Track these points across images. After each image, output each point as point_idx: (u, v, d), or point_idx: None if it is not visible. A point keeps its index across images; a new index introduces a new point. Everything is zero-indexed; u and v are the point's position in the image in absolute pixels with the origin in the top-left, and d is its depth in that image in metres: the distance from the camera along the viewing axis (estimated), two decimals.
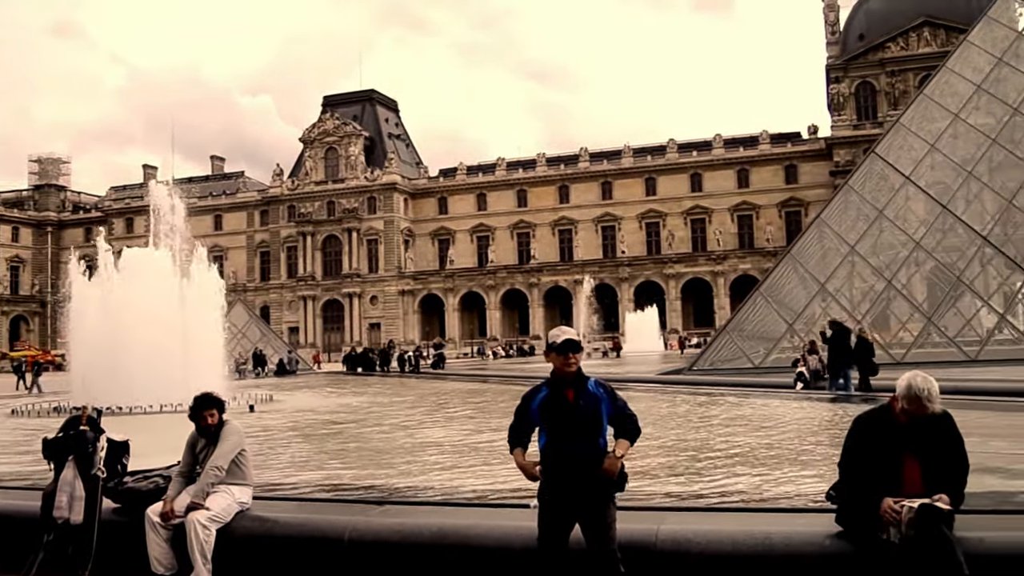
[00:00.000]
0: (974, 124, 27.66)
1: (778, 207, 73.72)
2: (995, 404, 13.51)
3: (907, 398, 4.38)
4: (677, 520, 5.20)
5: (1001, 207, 26.62)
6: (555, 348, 4.40)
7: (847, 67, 69.95)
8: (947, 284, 27.23)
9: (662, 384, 23.22)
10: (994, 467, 7.35)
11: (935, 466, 4.40)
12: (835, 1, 71.50)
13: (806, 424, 12.24)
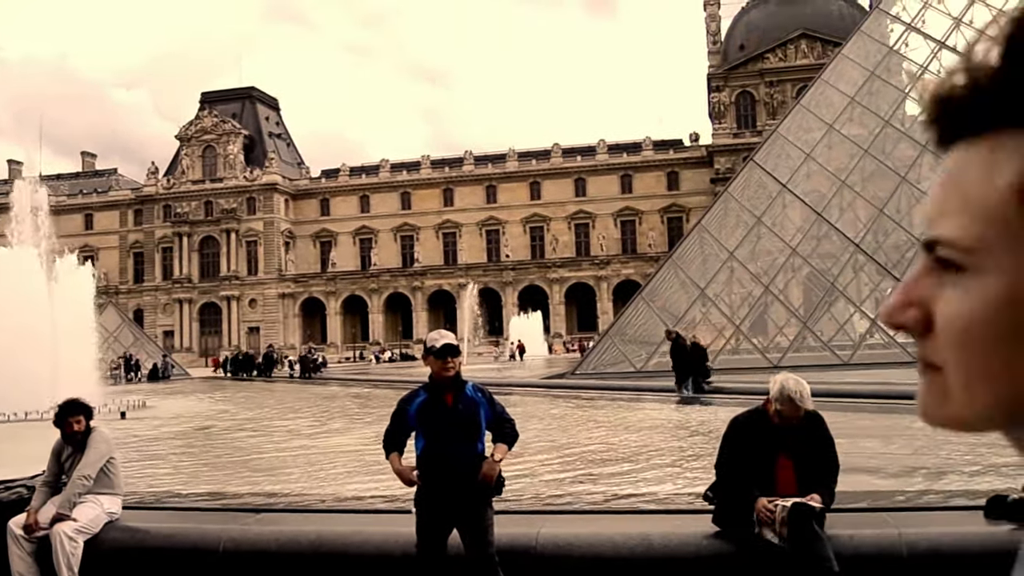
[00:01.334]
0: (848, 135, 28.43)
1: (660, 213, 74.98)
2: (867, 406, 13.99)
3: (780, 400, 4.48)
4: (558, 523, 5.23)
5: (873, 215, 27.39)
6: (433, 352, 4.35)
7: (728, 76, 71.72)
8: (822, 290, 27.86)
9: (546, 388, 23.20)
10: (866, 466, 7.59)
11: (808, 466, 4.54)
12: (717, 11, 73.19)
13: (683, 426, 12.39)
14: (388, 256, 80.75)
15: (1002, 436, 0.55)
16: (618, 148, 77.60)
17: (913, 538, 4.59)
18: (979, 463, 7.66)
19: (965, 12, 29.25)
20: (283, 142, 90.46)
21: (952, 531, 4.78)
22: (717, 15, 73.20)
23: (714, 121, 71.96)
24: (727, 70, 71.68)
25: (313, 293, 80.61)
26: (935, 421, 0.57)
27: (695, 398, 17.10)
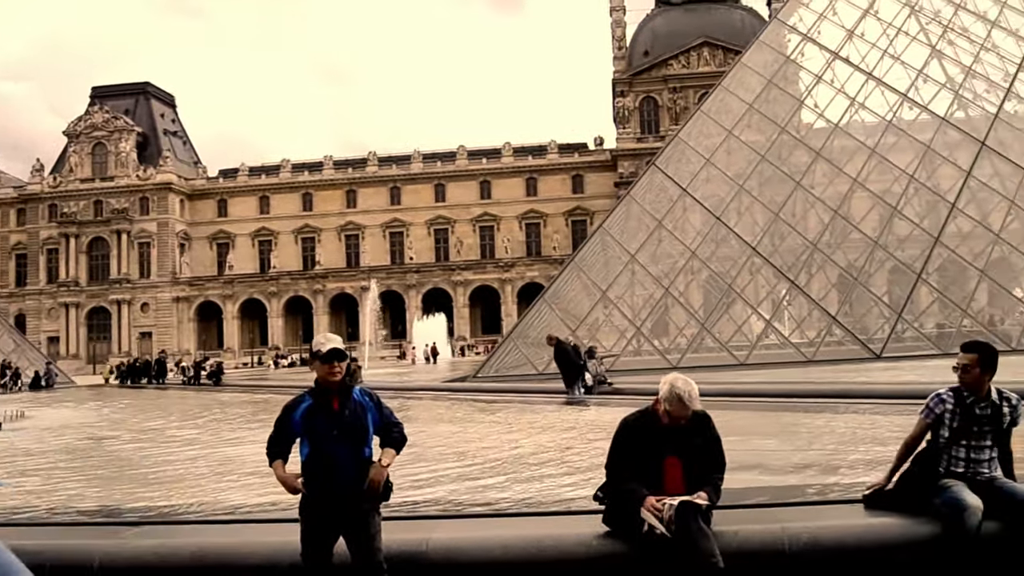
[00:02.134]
0: (746, 141, 29.00)
1: (565, 216, 75.56)
2: (760, 404, 14.26)
3: (669, 400, 4.56)
4: (449, 528, 5.23)
5: (769, 220, 28.00)
6: (319, 356, 4.33)
7: (632, 82, 72.77)
8: (720, 292, 28.34)
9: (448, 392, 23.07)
10: (756, 463, 7.68)
11: (695, 465, 4.62)
12: (622, 17, 74.16)
13: (578, 428, 12.39)
14: (288, 258, 79.26)
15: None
16: (523, 151, 77.92)
17: (795, 532, 4.65)
18: (866, 459, 7.77)
19: (857, 24, 30.22)
20: (179, 140, 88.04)
21: (832, 524, 4.85)
22: (622, 20, 74.20)
23: (618, 125, 72.87)
24: (632, 75, 72.73)
25: (209, 297, 78.54)
26: None
27: (584, 399, 17.37)
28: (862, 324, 27.53)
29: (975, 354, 4.72)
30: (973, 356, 4.72)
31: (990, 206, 28.09)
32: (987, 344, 4.84)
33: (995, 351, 4.78)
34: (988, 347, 4.80)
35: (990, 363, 4.72)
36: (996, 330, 26.09)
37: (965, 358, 4.75)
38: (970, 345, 4.82)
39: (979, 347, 4.79)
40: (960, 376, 4.75)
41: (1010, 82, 28.36)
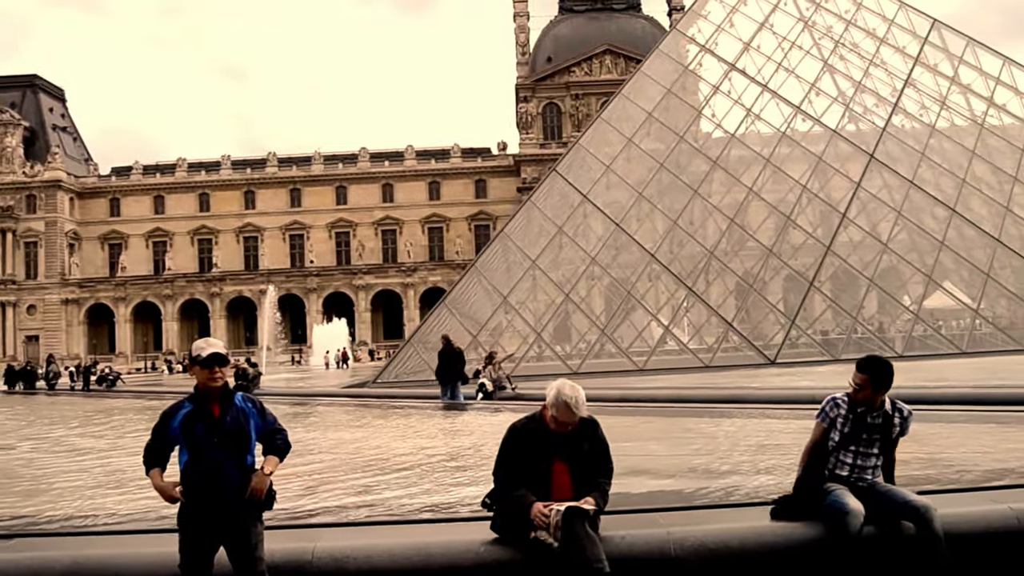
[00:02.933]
0: (645, 149, 29.32)
1: (468, 220, 75.42)
2: (656, 410, 14.26)
3: (556, 406, 4.56)
4: (336, 536, 5.13)
5: (668, 227, 28.35)
6: (199, 362, 4.22)
7: (535, 88, 73.13)
8: (620, 298, 28.54)
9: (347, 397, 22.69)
10: (646, 469, 7.64)
11: (583, 470, 4.63)
12: (526, 23, 74.47)
13: (475, 433, 12.31)
14: (184, 260, 76.99)
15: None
16: (427, 154, 77.48)
17: (681, 536, 4.69)
18: (756, 464, 7.78)
19: (753, 38, 30.94)
20: (69, 136, 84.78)
21: (717, 528, 4.87)
22: (526, 26, 74.54)
23: (522, 131, 73.14)
24: (535, 81, 73.11)
25: (100, 299, 75.70)
26: None
27: (463, 404, 17.57)
28: (758, 330, 28.10)
29: (866, 375, 4.81)
30: (864, 377, 4.81)
31: (879, 217, 29.08)
32: (880, 363, 4.88)
33: (888, 370, 4.82)
34: (881, 367, 4.84)
35: (882, 382, 4.80)
36: (885, 337, 26.96)
37: (858, 378, 4.83)
38: (863, 364, 4.88)
39: (871, 367, 4.83)
40: (854, 393, 4.85)
41: (897, 97, 29.43)
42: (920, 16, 31.24)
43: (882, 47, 30.82)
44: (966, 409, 11.72)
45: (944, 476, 6.64)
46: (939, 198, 27.14)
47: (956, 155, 28.49)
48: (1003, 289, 25.96)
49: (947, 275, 27.35)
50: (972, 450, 8.17)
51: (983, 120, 29.46)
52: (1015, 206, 27.27)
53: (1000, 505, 5.08)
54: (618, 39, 72.15)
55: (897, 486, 4.91)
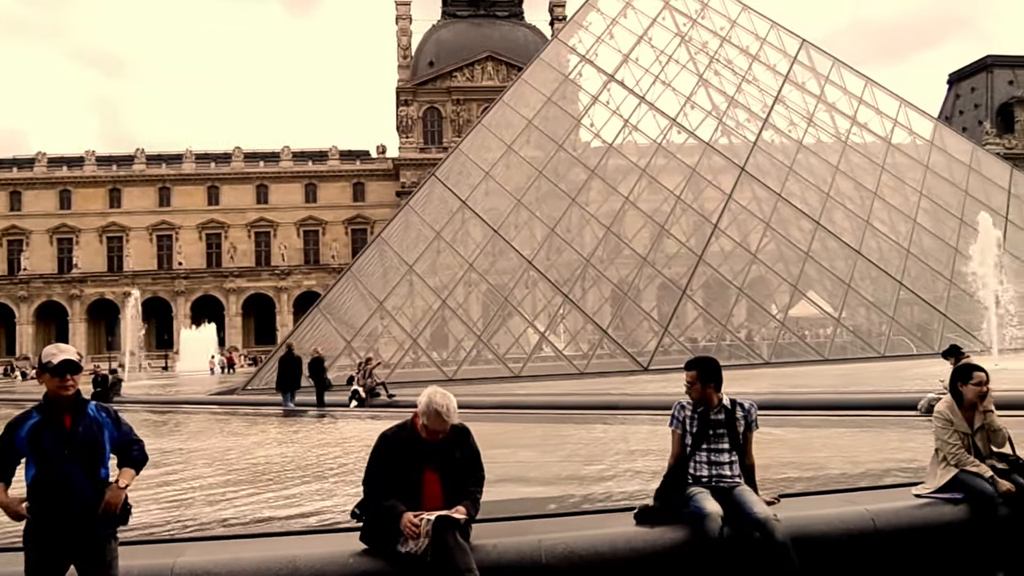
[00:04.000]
0: (525, 156, 29.49)
1: (345, 224, 74.22)
2: (531, 416, 14.30)
3: (427, 414, 4.54)
4: (198, 551, 4.94)
5: (546, 234, 28.55)
6: (50, 369, 3.98)
7: (416, 91, 72.64)
8: (498, 305, 28.55)
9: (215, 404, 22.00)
10: (519, 476, 7.67)
11: (454, 479, 4.62)
12: (408, 26, 73.90)
13: (347, 441, 12.06)
14: (42, 260, 72.97)
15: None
16: (303, 156, 75.90)
17: (551, 543, 4.68)
18: (628, 470, 7.79)
19: (632, 50, 31.52)
20: None
21: (587, 534, 4.86)
22: (409, 29, 73.99)
23: (402, 135, 72.53)
24: (416, 85, 72.64)
25: None
26: None
27: (302, 410, 17.59)
28: (632, 338, 28.53)
29: (694, 371, 5.05)
30: (693, 373, 5.05)
31: (749, 228, 29.99)
32: (705, 359, 5.18)
33: (713, 365, 5.10)
34: (706, 363, 5.11)
35: (710, 376, 5.03)
36: (752, 344, 27.79)
37: (688, 375, 5.08)
38: (691, 363, 5.15)
39: (697, 364, 5.11)
40: (688, 392, 5.09)
41: (767, 113, 30.50)
42: (790, 36, 32.50)
43: (754, 64, 31.91)
44: (827, 414, 12.11)
45: (805, 479, 6.78)
46: (805, 211, 28.21)
47: (821, 170, 29.69)
48: (862, 299, 27.15)
49: (811, 285, 28.43)
50: (832, 453, 8.38)
51: (847, 138, 30.83)
52: (875, 220, 28.60)
53: (857, 507, 5.22)
54: (500, 46, 72.44)
55: (755, 491, 4.99)
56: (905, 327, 26.12)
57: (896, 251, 27.86)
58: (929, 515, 5.22)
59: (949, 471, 5.33)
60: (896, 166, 30.38)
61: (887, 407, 12.21)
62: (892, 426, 10.39)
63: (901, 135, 31.67)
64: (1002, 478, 5.23)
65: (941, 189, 30.08)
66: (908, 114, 32.05)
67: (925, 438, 7.06)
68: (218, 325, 65.55)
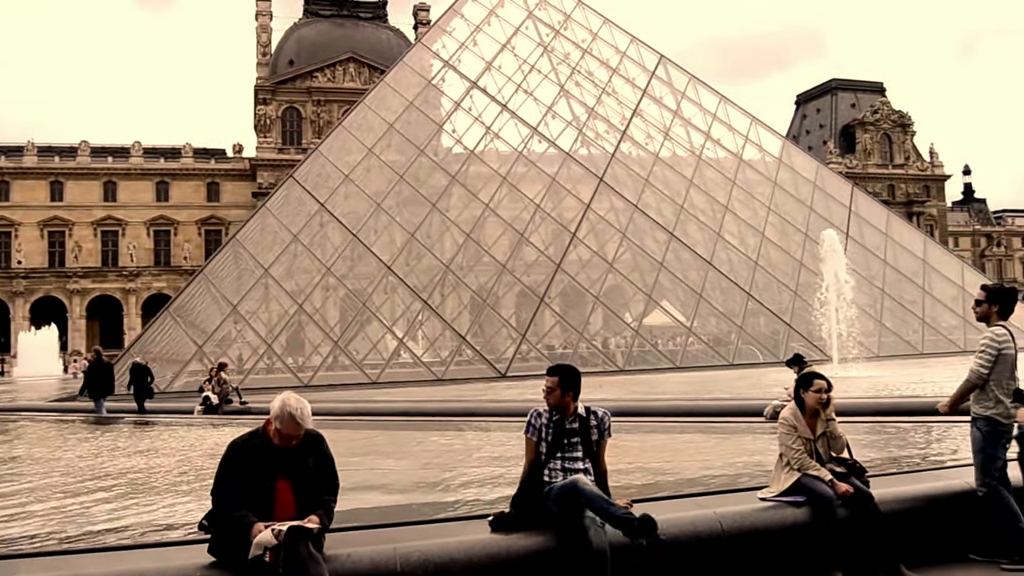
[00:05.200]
0: (386, 160, 29.25)
1: (198, 224, 71.56)
2: (389, 423, 14.09)
3: (281, 418, 4.43)
4: (35, 567, 4.71)
5: (406, 240, 28.35)
6: None
7: (276, 90, 70.80)
8: (355, 310, 28.19)
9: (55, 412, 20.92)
10: (376, 484, 7.60)
11: (307, 487, 4.52)
12: (269, 22, 71.95)
13: (187, 450, 11.67)
14: None
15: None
16: (155, 152, 72.78)
17: (407, 551, 4.62)
18: (486, 476, 7.79)
19: (496, 58, 31.70)
20: None
21: (444, 542, 4.83)
22: (269, 26, 72.06)
23: (259, 134, 70.57)
24: (275, 83, 70.81)
25: None
26: None
27: (113, 417, 17.08)
28: (491, 344, 28.65)
29: (556, 377, 5.09)
30: (554, 379, 5.09)
31: (606, 237, 30.62)
32: (568, 367, 5.22)
33: (574, 373, 5.15)
34: (568, 370, 5.16)
35: (570, 383, 5.09)
36: (608, 352, 28.33)
37: (549, 380, 5.11)
38: (553, 369, 5.19)
39: (560, 370, 5.15)
40: (545, 398, 5.14)
41: (626, 125, 31.26)
42: (649, 51, 33.41)
43: (614, 77, 32.64)
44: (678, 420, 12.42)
45: (656, 484, 6.90)
46: (660, 222, 29.02)
47: (676, 183, 30.61)
48: (713, 308, 28.11)
49: (665, 294, 29.24)
50: (683, 458, 8.59)
51: (701, 152, 31.90)
52: (726, 233, 29.68)
53: (706, 511, 5.35)
54: (363, 48, 71.48)
55: (607, 496, 5.01)
56: (753, 336, 27.18)
57: (745, 263, 28.96)
58: (773, 518, 5.39)
59: (792, 475, 5.53)
60: (746, 181, 31.63)
61: (735, 413, 12.63)
62: (739, 432, 10.74)
63: (752, 152, 33.00)
64: (841, 481, 5.45)
65: (788, 205, 31.48)
66: (759, 132, 33.43)
67: (770, 443, 7.29)
68: (61, 328, 62.18)
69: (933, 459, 7.77)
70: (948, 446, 8.39)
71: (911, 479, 6.52)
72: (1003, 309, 5.83)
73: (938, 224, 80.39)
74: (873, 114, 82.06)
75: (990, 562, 5.55)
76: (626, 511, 4.74)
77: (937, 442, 8.78)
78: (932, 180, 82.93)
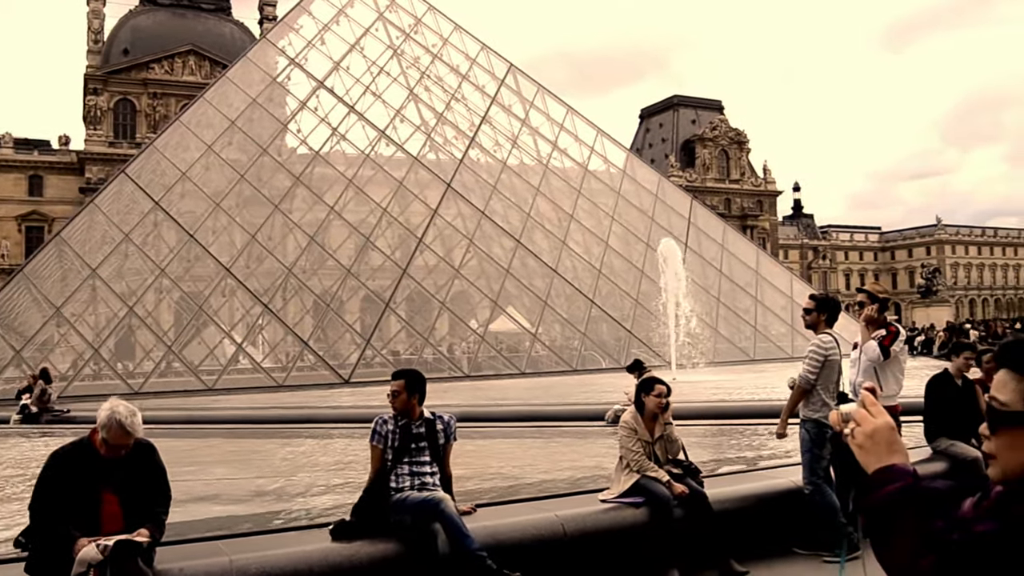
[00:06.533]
0: (226, 159, 28.34)
1: (18, 220, 67.01)
2: (226, 431, 13.73)
3: (108, 427, 4.25)
4: None
5: (246, 241, 27.51)
6: None
7: (108, 80, 67.16)
8: (191, 314, 27.14)
9: None
10: (212, 494, 7.44)
11: (136, 499, 4.34)
12: (101, 8, 68.07)
13: (16, 463, 10.92)
14: None
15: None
16: None
17: (244, 563, 4.50)
18: (327, 485, 7.66)
19: (344, 58, 31.21)
20: None
21: (283, 552, 4.71)
22: (101, 12, 68.12)
23: (89, 126, 66.77)
24: (108, 73, 67.18)
25: None
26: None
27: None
28: (334, 350, 28.13)
29: (402, 380, 5.16)
30: (400, 382, 5.15)
31: (453, 243, 30.62)
32: (413, 371, 5.35)
33: (420, 377, 5.26)
34: (414, 374, 5.27)
35: (416, 387, 5.17)
36: (453, 358, 28.32)
37: (394, 384, 5.18)
38: (398, 373, 5.27)
39: (405, 374, 5.24)
40: (391, 402, 5.16)
41: (474, 132, 31.37)
42: (499, 59, 33.66)
43: (464, 83, 32.70)
44: (523, 425, 12.52)
45: (501, 487, 6.96)
46: (507, 229, 29.25)
47: (523, 191, 30.93)
48: (558, 315, 28.53)
49: (511, 301, 29.48)
50: (526, 462, 8.66)
51: (548, 161, 32.35)
52: (571, 241, 30.19)
53: (547, 513, 5.43)
54: (204, 40, 68.78)
55: (452, 500, 5.05)
56: (596, 342, 27.74)
57: (589, 271, 29.54)
58: (613, 519, 5.53)
59: (632, 477, 5.67)
60: (591, 191, 32.29)
61: (578, 418, 12.82)
62: (582, 436, 10.91)
63: (597, 162, 33.72)
64: (677, 482, 5.62)
65: (630, 215, 32.33)
66: (604, 143, 34.20)
67: (611, 447, 7.41)
68: None
69: (764, 460, 8.09)
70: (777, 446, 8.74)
71: (742, 479, 6.88)
72: (830, 317, 6.16)
73: (770, 237, 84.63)
74: (712, 130, 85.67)
75: (813, 555, 5.89)
76: (479, 548, 4.72)
77: (768, 443, 9.15)
78: (765, 195, 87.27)
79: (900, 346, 6.04)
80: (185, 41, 67.80)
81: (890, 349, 5.93)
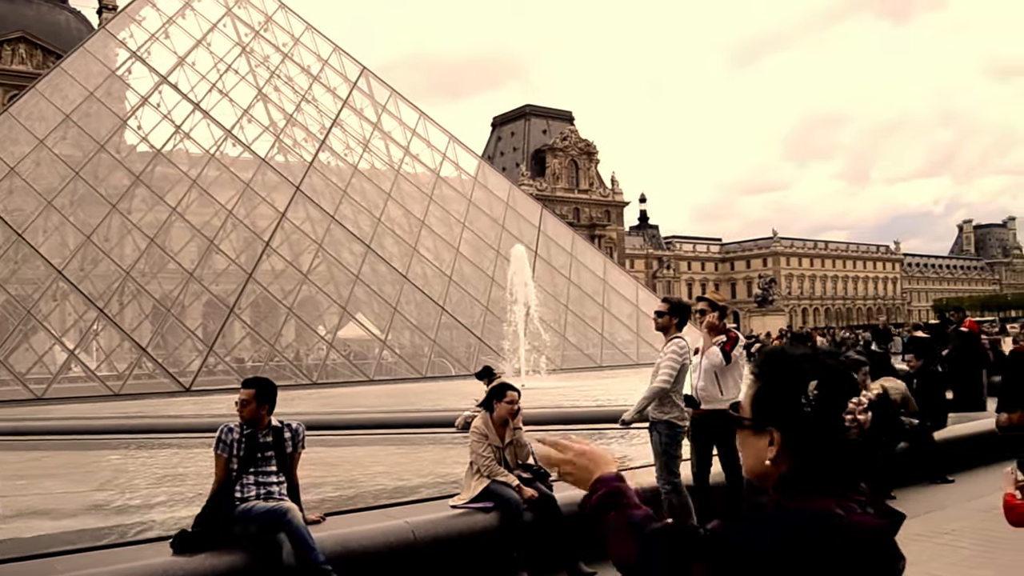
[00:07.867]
0: (59, 154, 26.95)
1: None
2: (57, 443, 13.25)
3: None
4: None
5: (80, 242, 26.17)
6: None
7: None
8: (18, 318, 25.50)
9: None
10: (45, 509, 7.18)
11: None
12: None
13: None
14: None
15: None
16: None
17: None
18: (168, 496, 7.41)
19: (189, 53, 30.18)
20: None
21: (118, 568, 4.53)
22: None
23: None
24: None
25: None
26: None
27: None
28: (174, 357, 27.08)
29: (253, 389, 5.08)
30: (251, 391, 5.06)
31: (301, 248, 30.04)
32: (264, 379, 5.25)
33: (271, 386, 5.17)
34: (265, 383, 5.17)
35: (266, 396, 5.09)
36: (301, 364, 27.74)
37: (244, 393, 5.08)
38: (249, 381, 5.20)
39: (256, 383, 5.15)
40: (240, 411, 5.07)
41: (325, 135, 30.90)
42: (352, 62, 33.29)
43: (315, 85, 32.16)
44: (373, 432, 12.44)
45: (350, 496, 6.92)
46: (357, 234, 28.91)
47: (374, 196, 30.68)
48: (408, 322, 28.40)
49: (360, 307, 29.15)
50: (377, 470, 8.61)
51: (399, 167, 32.21)
52: (421, 247, 30.13)
53: (397, 520, 5.42)
54: (37, 28, 64.77)
55: (300, 509, 4.97)
56: (446, 349, 27.75)
57: (440, 278, 29.56)
58: (464, 524, 5.56)
59: (482, 482, 5.71)
60: (443, 198, 32.35)
61: (429, 425, 12.80)
62: (432, 442, 10.93)
63: (449, 169, 33.82)
64: (527, 486, 5.69)
65: (482, 222, 32.55)
66: (456, 150, 34.33)
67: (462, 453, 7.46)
68: None
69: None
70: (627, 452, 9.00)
71: None
72: (681, 321, 6.36)
73: (617, 247, 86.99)
74: (562, 141, 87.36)
75: None
76: (325, 562, 4.65)
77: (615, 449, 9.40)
78: (613, 206, 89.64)
79: (739, 351, 6.30)
80: (16, 27, 63.63)
81: (731, 354, 6.18)
